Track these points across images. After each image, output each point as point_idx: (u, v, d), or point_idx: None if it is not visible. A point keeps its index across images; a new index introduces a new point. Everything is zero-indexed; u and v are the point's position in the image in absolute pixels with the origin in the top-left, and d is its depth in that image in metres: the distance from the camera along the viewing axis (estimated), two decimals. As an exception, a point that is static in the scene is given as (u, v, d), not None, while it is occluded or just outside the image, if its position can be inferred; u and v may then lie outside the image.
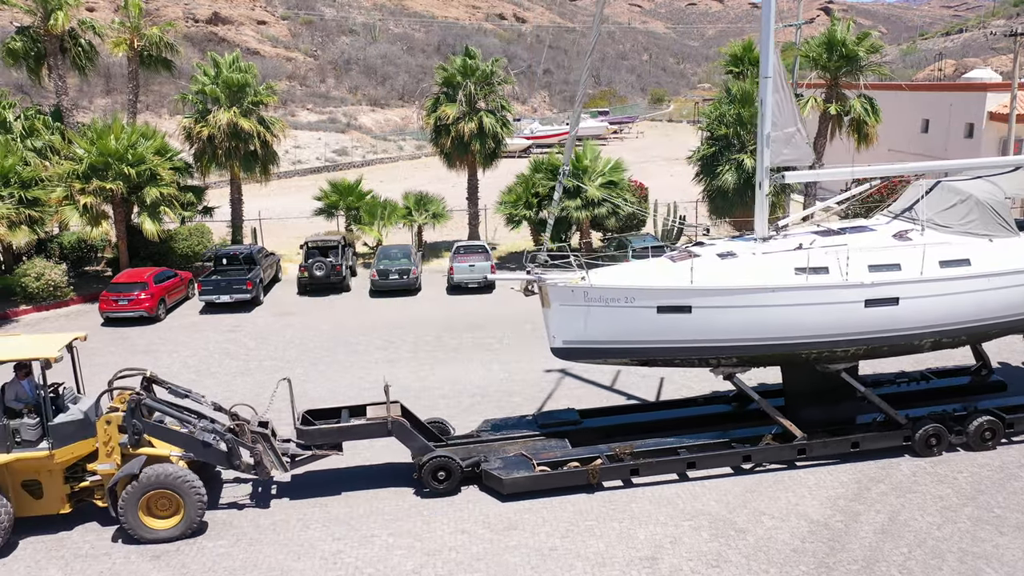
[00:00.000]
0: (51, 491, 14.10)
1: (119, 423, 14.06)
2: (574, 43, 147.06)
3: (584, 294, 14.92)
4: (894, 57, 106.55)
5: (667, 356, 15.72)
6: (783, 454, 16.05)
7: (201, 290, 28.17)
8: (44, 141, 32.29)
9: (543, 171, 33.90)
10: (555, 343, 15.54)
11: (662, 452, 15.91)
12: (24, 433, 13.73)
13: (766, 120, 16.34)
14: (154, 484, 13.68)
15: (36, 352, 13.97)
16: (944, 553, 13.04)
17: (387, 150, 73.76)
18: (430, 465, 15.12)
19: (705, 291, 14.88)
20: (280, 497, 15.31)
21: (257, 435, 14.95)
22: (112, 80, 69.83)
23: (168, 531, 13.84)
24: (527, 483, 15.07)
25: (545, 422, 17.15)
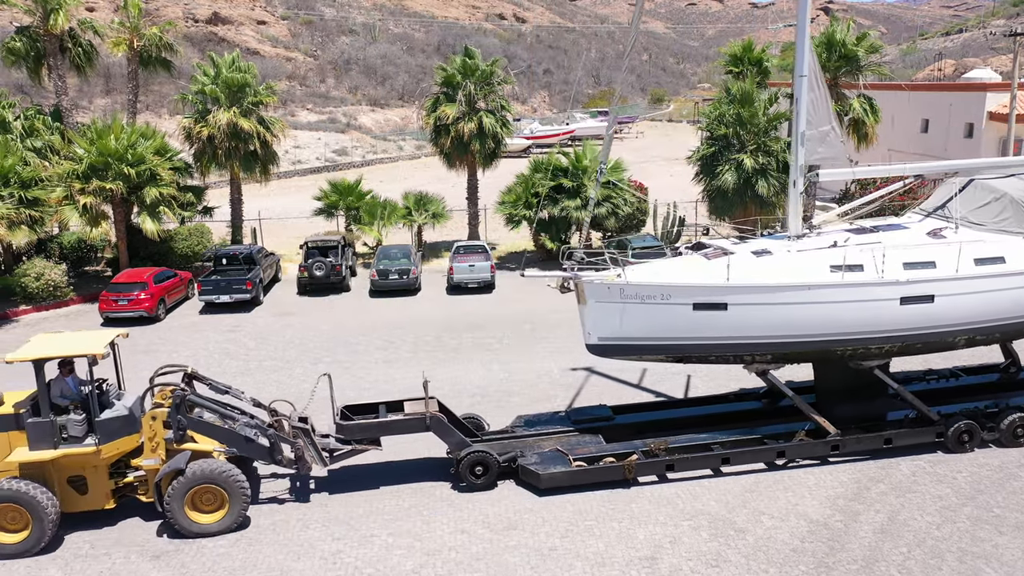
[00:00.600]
0: (96, 487, 14.22)
1: (164, 419, 14.25)
2: (574, 43, 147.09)
3: (620, 291, 15.06)
4: (894, 57, 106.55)
5: (702, 353, 15.85)
6: (816, 450, 16.19)
7: (201, 290, 28.17)
8: (44, 141, 32.27)
9: (543, 171, 33.92)
10: (590, 339, 15.67)
11: (696, 448, 16.05)
12: (71, 429, 13.86)
13: (801, 118, 16.46)
14: (200, 479, 13.83)
15: (83, 349, 14.08)
16: (943, 553, 13.05)
17: (387, 150, 73.77)
18: (468, 460, 15.27)
19: (742, 288, 15.01)
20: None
21: (298, 430, 15.16)
22: (112, 80, 69.82)
23: (213, 525, 13.98)
24: (564, 478, 15.20)
25: (578, 418, 17.30)
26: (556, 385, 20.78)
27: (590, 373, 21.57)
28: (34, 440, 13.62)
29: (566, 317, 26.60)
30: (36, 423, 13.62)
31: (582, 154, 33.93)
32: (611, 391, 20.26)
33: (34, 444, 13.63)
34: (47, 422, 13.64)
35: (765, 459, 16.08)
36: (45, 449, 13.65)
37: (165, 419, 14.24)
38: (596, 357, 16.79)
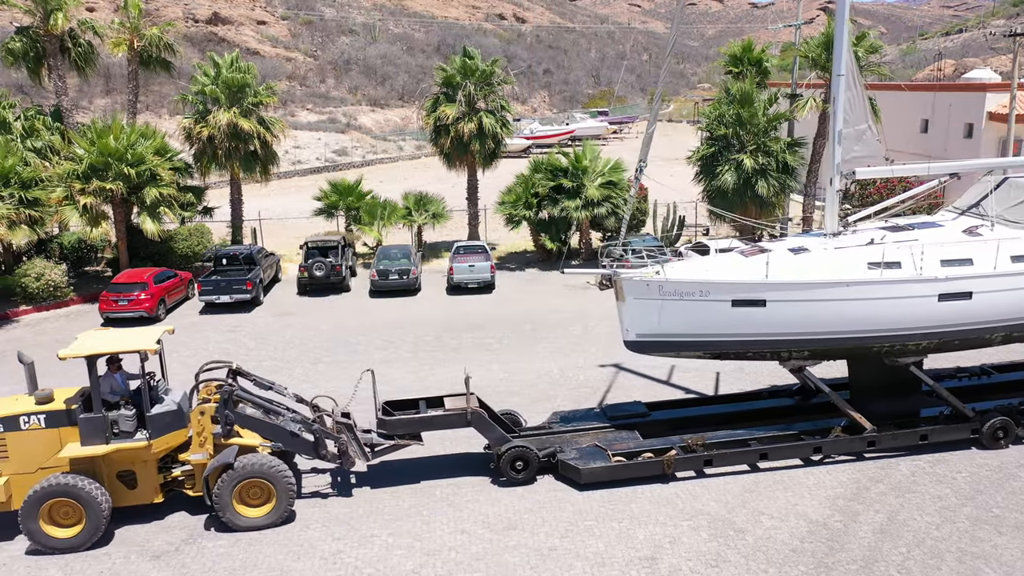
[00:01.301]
0: (145, 481, 14.38)
1: (212, 414, 14.39)
2: (574, 43, 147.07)
3: (659, 288, 15.20)
4: (894, 57, 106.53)
5: (740, 349, 15.97)
6: (853, 446, 16.33)
7: (201, 290, 28.18)
8: (44, 141, 32.26)
9: (543, 171, 33.93)
10: (628, 336, 15.82)
11: (733, 444, 16.19)
12: (122, 424, 14.01)
13: (838, 117, 16.61)
14: (248, 473, 14.00)
15: (135, 345, 14.25)
16: (943, 553, 13.06)
17: (387, 150, 73.77)
18: (508, 455, 15.42)
19: (781, 285, 15.15)
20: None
21: (341, 425, 15.40)
22: (112, 80, 69.81)
23: (260, 519, 14.16)
24: (604, 473, 15.35)
25: (614, 414, 17.46)
26: (556, 385, 20.79)
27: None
28: (86, 435, 13.77)
29: (566, 317, 26.69)
30: (88, 419, 13.76)
31: (582, 154, 33.92)
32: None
33: (86, 439, 13.78)
34: (99, 417, 13.79)
35: (802, 455, 16.23)
36: (97, 444, 13.81)
37: (213, 414, 14.44)
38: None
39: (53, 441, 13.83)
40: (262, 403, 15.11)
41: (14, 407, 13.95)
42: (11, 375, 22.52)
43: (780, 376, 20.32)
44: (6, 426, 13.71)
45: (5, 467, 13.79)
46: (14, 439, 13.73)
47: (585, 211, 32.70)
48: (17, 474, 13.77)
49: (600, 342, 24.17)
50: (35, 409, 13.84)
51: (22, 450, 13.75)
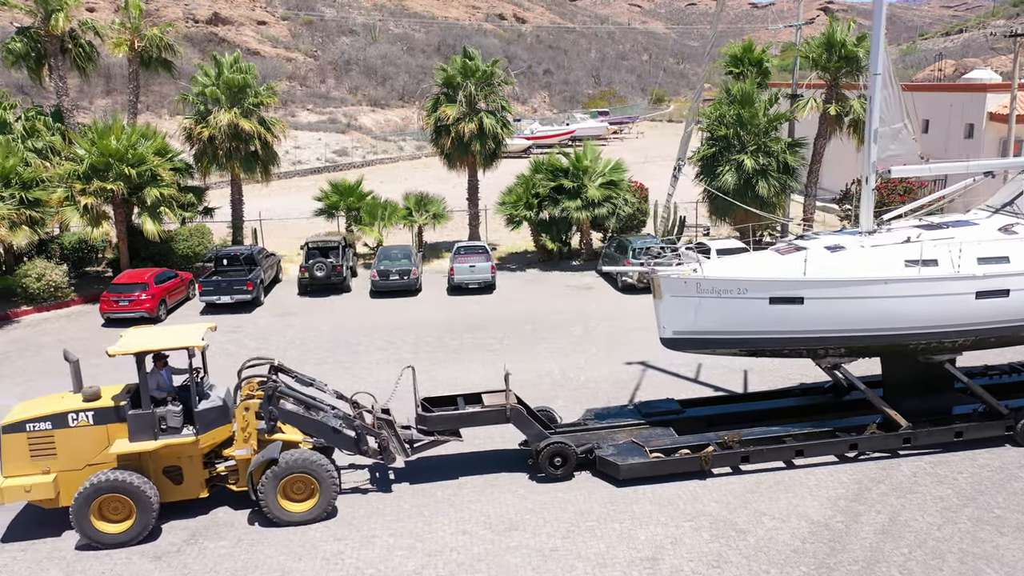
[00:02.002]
0: (191, 476, 14.50)
1: (256, 410, 14.50)
2: (574, 43, 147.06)
3: (696, 285, 15.30)
4: (894, 57, 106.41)
5: (776, 347, 16.09)
6: (888, 443, 16.43)
7: (202, 291, 28.18)
8: (45, 142, 32.27)
9: (543, 172, 33.92)
10: (665, 333, 15.94)
11: (769, 440, 16.30)
12: (170, 420, 14.11)
13: (874, 115, 16.73)
14: (293, 468, 14.13)
15: (183, 342, 14.40)
16: (944, 554, 13.06)
17: (387, 150, 73.77)
18: (547, 451, 15.55)
19: (820, 283, 15.25)
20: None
21: (382, 421, 15.51)
22: (112, 80, 69.83)
23: (304, 514, 14.27)
24: (643, 469, 15.46)
25: (648, 411, 17.56)
26: (557, 386, 20.79)
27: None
28: (135, 431, 13.89)
29: (566, 318, 26.68)
30: (137, 415, 13.89)
31: (582, 155, 33.91)
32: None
33: (134, 436, 13.90)
34: (148, 414, 13.90)
35: (837, 452, 16.32)
36: (145, 440, 13.91)
37: (257, 410, 14.55)
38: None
39: (101, 438, 13.95)
40: (304, 399, 15.30)
41: (62, 405, 14.10)
42: (11, 376, 22.54)
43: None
44: (55, 423, 13.83)
45: (53, 464, 13.89)
46: (62, 436, 13.85)
47: (586, 211, 32.69)
48: (65, 471, 13.89)
49: (601, 343, 24.17)
50: (83, 406, 13.96)
51: (70, 447, 13.88)
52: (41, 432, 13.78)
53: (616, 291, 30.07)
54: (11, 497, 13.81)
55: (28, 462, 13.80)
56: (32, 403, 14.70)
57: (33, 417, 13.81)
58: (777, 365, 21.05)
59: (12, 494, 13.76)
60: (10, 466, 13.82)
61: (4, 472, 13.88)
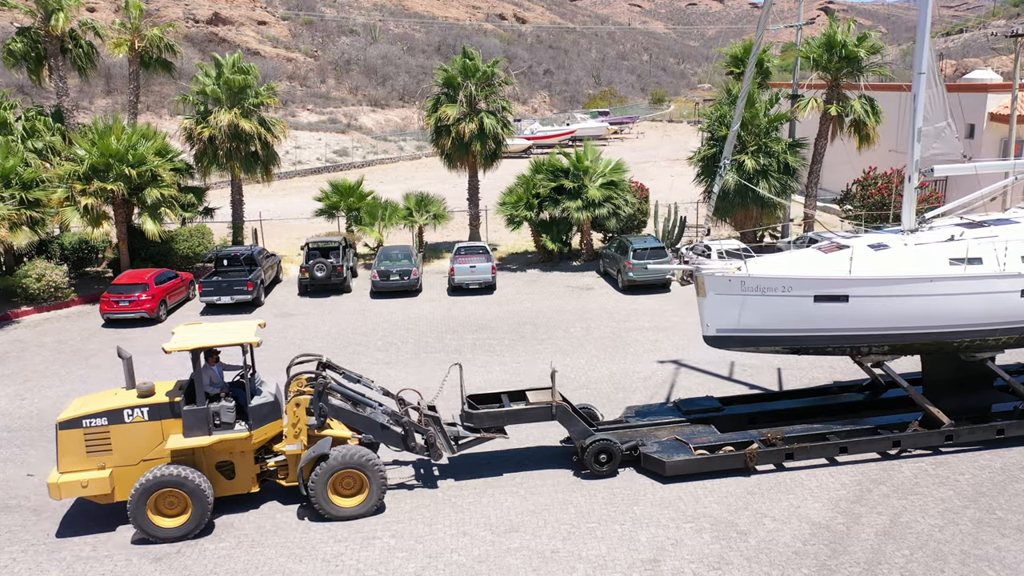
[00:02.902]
0: (243, 471, 14.66)
1: (307, 406, 14.63)
2: (574, 43, 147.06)
3: (741, 284, 15.45)
4: (895, 57, 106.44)
5: (820, 344, 16.20)
6: (931, 440, 16.52)
7: (202, 291, 28.16)
8: (45, 142, 32.25)
9: (543, 172, 33.89)
10: (708, 331, 16.07)
11: (812, 438, 16.43)
12: (223, 416, 14.22)
13: (918, 114, 16.96)
14: (343, 464, 14.28)
15: (237, 338, 14.52)
16: (946, 555, 13.04)
17: (387, 150, 73.74)
18: (593, 448, 15.71)
19: (865, 281, 15.37)
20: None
21: (429, 418, 15.70)
22: (113, 81, 69.82)
23: (354, 509, 14.45)
24: (688, 466, 15.60)
25: (689, 408, 17.72)
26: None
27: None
28: (189, 427, 14.02)
29: (567, 318, 26.67)
30: (192, 411, 14.02)
31: (583, 155, 33.89)
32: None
33: (189, 431, 14.03)
34: (202, 409, 14.02)
35: (880, 449, 16.43)
36: (200, 436, 14.04)
37: (308, 406, 14.67)
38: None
39: (156, 433, 14.12)
40: (352, 395, 15.43)
41: (117, 401, 14.24)
42: (11, 376, 22.53)
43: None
44: (110, 419, 13.99)
45: (108, 460, 14.06)
46: (118, 432, 14.01)
47: (586, 212, 32.65)
48: (120, 466, 14.06)
49: (602, 343, 24.15)
50: (138, 402, 14.12)
51: (125, 443, 14.04)
52: (97, 428, 13.94)
53: (617, 291, 30.06)
54: (68, 492, 13.95)
55: (84, 458, 13.97)
56: (87, 399, 14.85)
57: (89, 413, 13.97)
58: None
59: (69, 489, 13.91)
60: (66, 461, 13.97)
61: (60, 468, 14.04)
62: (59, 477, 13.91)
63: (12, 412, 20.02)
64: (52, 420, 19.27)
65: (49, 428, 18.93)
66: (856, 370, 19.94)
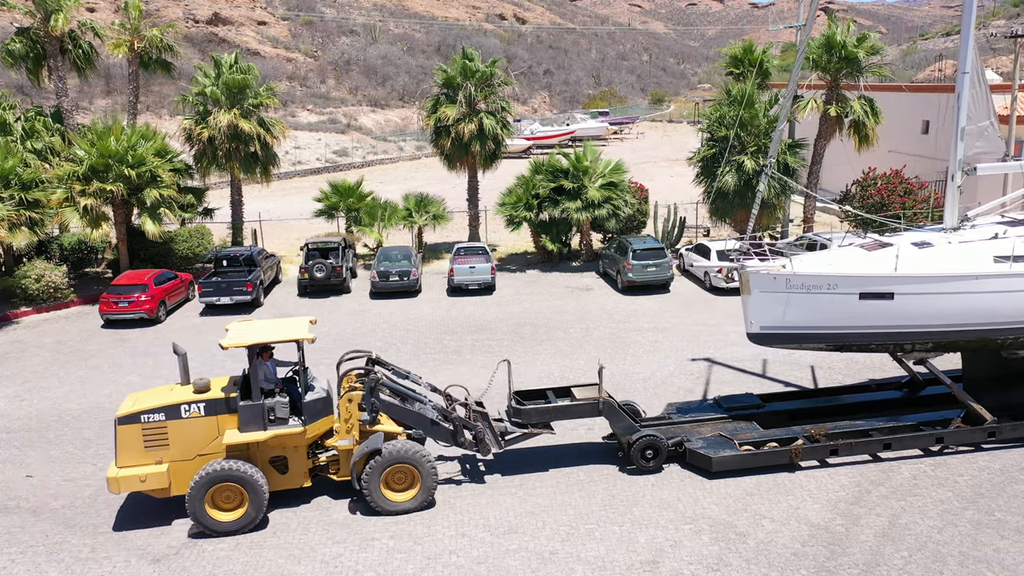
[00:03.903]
0: (296, 466, 14.81)
1: (359, 401, 14.78)
2: (574, 43, 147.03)
3: (786, 281, 15.57)
4: (894, 57, 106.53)
5: (864, 341, 16.32)
6: (974, 436, 16.66)
7: (201, 292, 28.15)
8: (44, 143, 32.23)
9: (543, 172, 33.87)
10: (752, 328, 16.20)
11: (855, 434, 16.55)
12: (278, 411, 14.36)
13: (962, 113, 17.06)
14: (396, 459, 14.44)
15: (292, 334, 14.61)
16: (945, 557, 13.04)
17: (387, 151, 73.75)
18: (640, 444, 15.83)
19: (911, 279, 15.47)
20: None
21: (477, 414, 15.84)
22: (112, 81, 69.85)
23: (406, 503, 14.63)
24: (734, 462, 15.74)
25: (729, 405, 17.89)
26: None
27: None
28: (245, 422, 14.19)
29: (566, 319, 26.67)
30: (248, 406, 14.18)
31: (582, 155, 33.87)
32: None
33: (245, 426, 14.20)
34: (258, 405, 14.18)
35: (923, 445, 16.55)
36: (256, 431, 14.20)
37: (360, 402, 14.80)
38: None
39: (211, 428, 14.28)
40: (402, 391, 15.56)
41: (173, 397, 14.37)
42: (10, 377, 22.52)
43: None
44: (168, 415, 14.15)
45: (165, 454, 14.22)
46: (175, 427, 14.17)
47: (586, 212, 32.64)
48: (176, 461, 14.23)
49: (601, 344, 24.14)
50: (195, 398, 14.26)
51: (182, 437, 14.20)
52: (155, 423, 14.11)
53: (616, 292, 30.05)
54: (127, 487, 14.12)
55: (141, 452, 14.14)
56: (144, 395, 14.97)
57: (147, 408, 14.14)
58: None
59: (128, 484, 14.09)
60: (124, 456, 14.14)
61: (118, 463, 14.18)
62: (118, 472, 14.10)
63: (11, 413, 20.02)
64: (51, 421, 19.37)
65: (48, 429, 18.96)
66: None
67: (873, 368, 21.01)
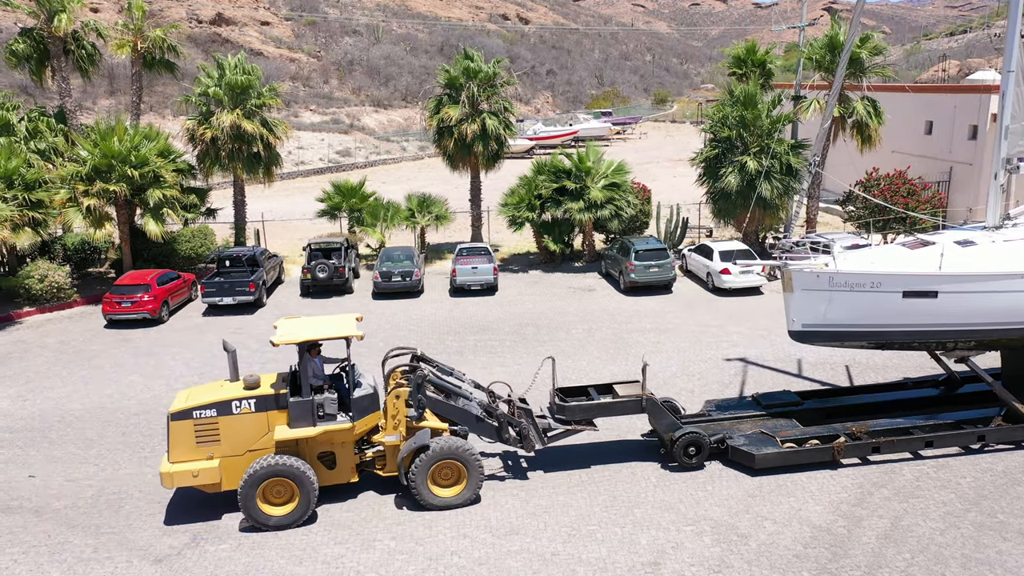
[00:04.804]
0: (343, 462, 14.98)
1: (407, 398, 14.91)
2: (577, 43, 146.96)
3: (829, 279, 15.67)
4: (898, 58, 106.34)
5: (907, 339, 16.42)
6: (1015, 435, 16.71)
7: (204, 292, 28.18)
8: (48, 143, 32.29)
9: (546, 173, 33.86)
10: (794, 326, 16.30)
11: (896, 432, 16.61)
12: (327, 407, 14.51)
13: (1006, 112, 17.06)
14: (443, 454, 14.60)
15: (343, 331, 14.74)
16: (947, 559, 13.01)
17: (390, 151, 73.79)
18: (683, 441, 15.93)
19: (956, 277, 15.54)
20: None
21: (522, 411, 15.96)
22: (116, 81, 69.99)
23: (453, 499, 14.79)
24: (776, 459, 15.83)
25: (768, 403, 17.95)
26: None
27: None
28: (295, 418, 14.35)
29: (569, 320, 26.66)
30: (298, 402, 14.35)
31: (585, 156, 33.86)
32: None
33: (295, 422, 14.36)
34: (308, 401, 14.36)
35: (964, 443, 16.59)
36: (305, 427, 14.35)
37: (407, 398, 14.93)
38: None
39: (262, 424, 14.45)
40: (447, 387, 15.68)
41: (224, 393, 14.52)
42: (13, 377, 22.56)
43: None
44: (219, 411, 14.32)
45: (217, 450, 14.38)
46: (226, 423, 14.34)
47: (588, 213, 32.61)
48: (227, 456, 14.40)
49: (603, 344, 24.13)
50: (245, 394, 14.44)
51: (233, 433, 14.38)
52: (207, 419, 14.28)
53: (619, 293, 30.03)
54: (180, 482, 14.27)
55: (193, 448, 14.31)
56: (195, 391, 15.10)
57: (199, 404, 14.29)
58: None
59: (181, 479, 14.25)
60: (176, 452, 14.31)
61: (170, 458, 14.33)
62: (170, 467, 14.25)
63: (14, 413, 20.05)
64: (53, 421, 19.40)
65: (50, 429, 19.00)
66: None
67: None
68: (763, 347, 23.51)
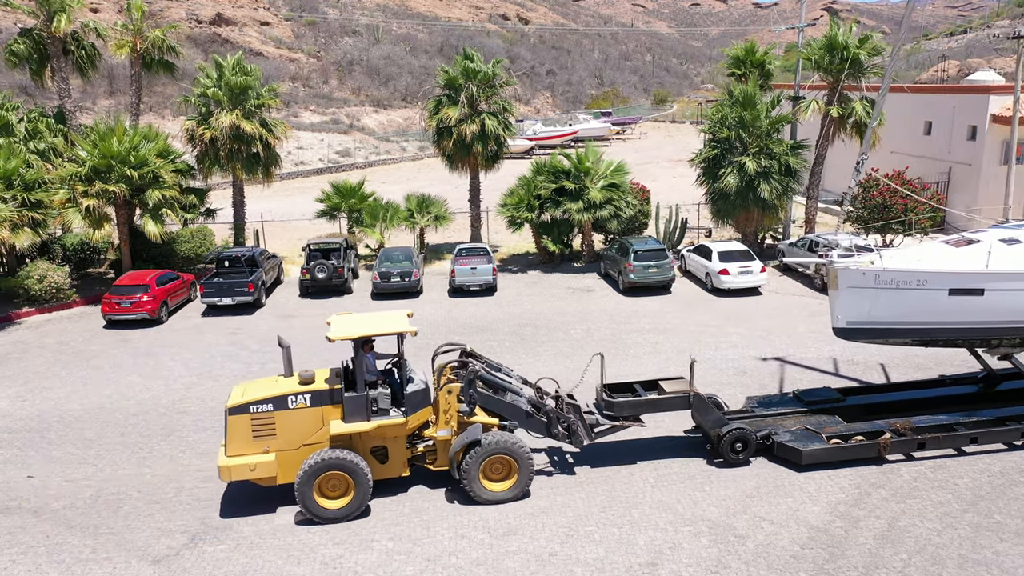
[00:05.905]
0: (395, 456, 15.16)
1: (458, 393, 15.14)
2: (577, 44, 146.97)
3: (875, 277, 15.81)
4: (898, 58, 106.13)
5: (951, 337, 16.57)
6: None
7: (203, 292, 28.20)
8: (47, 143, 32.30)
9: (545, 173, 33.88)
10: (838, 323, 16.47)
11: (940, 428, 16.68)
12: (380, 402, 14.72)
13: None
14: (495, 450, 14.75)
15: (396, 327, 14.93)
16: (944, 560, 13.03)
17: (390, 151, 73.81)
18: (730, 437, 16.02)
19: (1003, 275, 15.66)
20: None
21: (570, 406, 16.17)
22: (115, 82, 69.97)
23: (503, 493, 14.93)
24: (823, 455, 15.94)
25: (810, 399, 18.02)
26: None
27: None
28: (350, 413, 14.53)
29: (568, 320, 26.68)
30: (353, 397, 14.52)
31: (584, 156, 33.87)
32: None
33: (349, 417, 14.54)
34: (362, 396, 14.52)
35: (1008, 439, 16.70)
36: (360, 421, 14.54)
37: (459, 394, 15.12)
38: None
39: (316, 419, 14.60)
40: (497, 383, 15.80)
41: (280, 388, 14.65)
42: (12, 378, 22.58)
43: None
44: (275, 405, 14.46)
45: (272, 444, 14.54)
46: (282, 417, 14.49)
47: (587, 213, 32.63)
48: (282, 450, 14.56)
49: (602, 345, 24.13)
50: (301, 389, 14.58)
51: (289, 427, 14.52)
52: (263, 413, 14.42)
53: (618, 293, 30.05)
54: (238, 475, 14.44)
55: (250, 442, 14.46)
56: (250, 386, 15.23)
57: (256, 399, 14.43)
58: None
59: (239, 472, 14.41)
60: (233, 446, 14.44)
61: (227, 452, 14.45)
62: (228, 461, 14.37)
63: (13, 413, 20.08)
64: (52, 421, 19.43)
65: (49, 430, 19.02)
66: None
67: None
68: (763, 347, 23.53)
